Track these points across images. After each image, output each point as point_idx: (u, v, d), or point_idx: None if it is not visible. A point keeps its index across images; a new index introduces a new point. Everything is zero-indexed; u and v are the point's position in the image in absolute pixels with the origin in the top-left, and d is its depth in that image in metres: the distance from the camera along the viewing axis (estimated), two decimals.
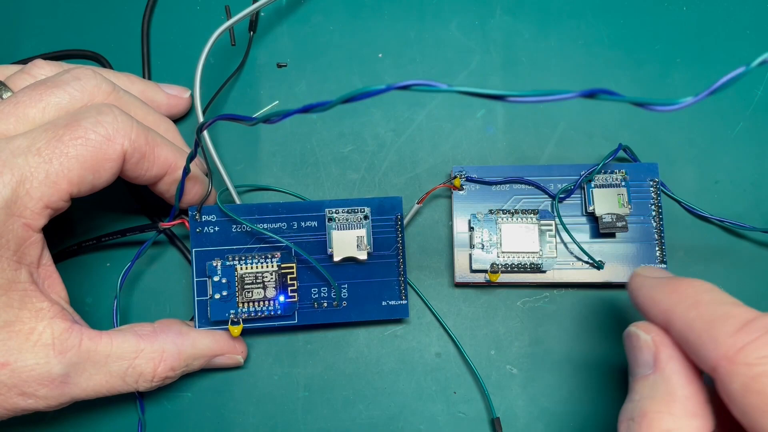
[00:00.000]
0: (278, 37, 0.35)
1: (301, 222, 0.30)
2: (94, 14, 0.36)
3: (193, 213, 0.29)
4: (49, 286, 0.26)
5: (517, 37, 0.35)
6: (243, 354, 0.30)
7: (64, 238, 0.32)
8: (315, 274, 0.30)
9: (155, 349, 0.27)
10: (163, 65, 0.35)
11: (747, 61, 0.36)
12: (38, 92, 0.26)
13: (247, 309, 0.29)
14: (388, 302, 0.30)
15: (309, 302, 0.30)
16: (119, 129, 0.26)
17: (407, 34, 0.35)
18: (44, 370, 0.24)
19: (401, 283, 0.30)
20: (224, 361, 0.30)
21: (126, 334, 0.27)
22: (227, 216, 0.29)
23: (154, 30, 0.36)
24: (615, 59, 0.35)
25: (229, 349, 0.30)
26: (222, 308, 0.29)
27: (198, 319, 0.29)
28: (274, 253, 0.29)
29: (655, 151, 0.33)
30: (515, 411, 0.30)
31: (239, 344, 0.30)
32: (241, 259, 0.29)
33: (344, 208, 0.30)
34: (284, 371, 0.31)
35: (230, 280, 0.29)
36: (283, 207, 0.30)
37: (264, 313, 0.29)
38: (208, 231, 0.30)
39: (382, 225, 0.30)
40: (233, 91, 0.35)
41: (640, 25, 0.35)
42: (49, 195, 0.24)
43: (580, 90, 0.17)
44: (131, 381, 0.27)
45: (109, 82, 0.28)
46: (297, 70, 0.35)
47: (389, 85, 0.18)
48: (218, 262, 0.29)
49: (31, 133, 0.25)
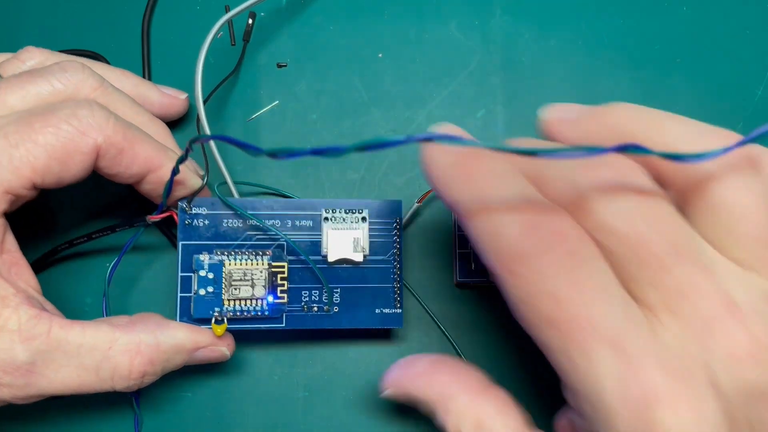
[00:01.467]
0: (278, 37, 0.35)
1: (296, 221, 0.29)
2: (94, 14, 0.36)
3: (182, 204, 0.28)
4: (15, 274, 0.26)
5: (517, 37, 0.35)
6: (229, 347, 0.28)
7: (55, 239, 0.32)
8: (307, 276, 0.29)
9: (131, 340, 0.25)
10: (163, 65, 0.35)
11: (747, 62, 0.36)
12: (21, 80, 0.26)
13: (233, 308, 0.28)
14: (382, 310, 0.29)
15: (299, 305, 0.29)
16: (94, 123, 0.25)
17: (407, 34, 0.35)
18: (8, 356, 0.23)
19: (396, 291, 0.29)
20: (208, 355, 0.28)
21: (100, 324, 0.25)
22: (218, 210, 0.29)
23: (154, 30, 0.36)
24: (615, 60, 0.35)
25: (212, 341, 0.28)
26: (206, 305, 0.28)
27: (179, 316, 0.28)
28: (266, 251, 0.28)
29: None
30: None
31: (225, 336, 0.29)
32: (230, 254, 0.28)
33: (342, 209, 0.29)
34: (284, 371, 0.31)
35: (217, 276, 0.28)
36: (278, 204, 0.29)
37: (250, 313, 0.28)
38: (198, 224, 0.28)
39: (381, 229, 0.30)
40: (233, 91, 0.35)
41: (640, 25, 0.35)
42: (10, 180, 0.24)
43: (615, 145, 0.17)
44: (105, 376, 0.25)
45: (97, 76, 0.28)
46: (297, 70, 0.35)
47: (409, 136, 0.17)
48: (206, 256, 0.28)
49: (3, 117, 0.24)
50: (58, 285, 0.32)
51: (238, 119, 0.34)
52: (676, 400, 0.17)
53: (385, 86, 0.35)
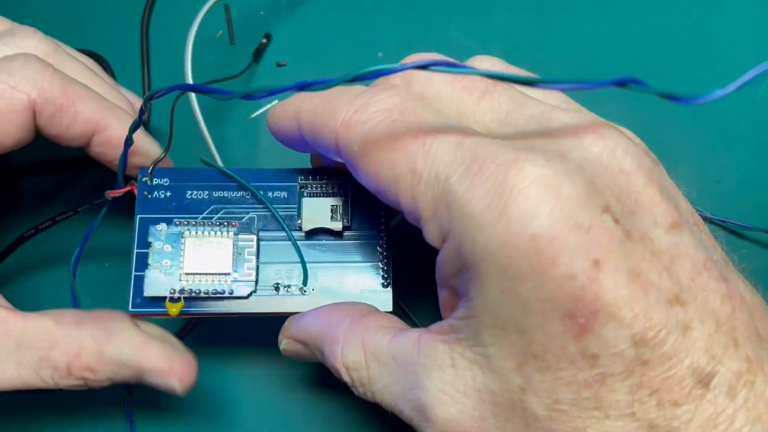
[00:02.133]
0: (278, 37, 0.35)
1: (269, 192, 0.26)
2: (94, 14, 0.36)
3: (143, 176, 0.26)
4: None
5: (517, 37, 0.35)
6: (183, 380, 0.24)
7: (20, 221, 0.32)
8: (280, 252, 0.25)
9: (71, 343, 0.23)
10: (163, 65, 0.35)
11: (747, 62, 0.36)
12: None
13: (192, 285, 0.24)
14: (368, 291, 0.25)
15: (269, 286, 0.25)
16: (27, 77, 0.23)
17: (407, 34, 0.35)
18: None
19: (384, 268, 0.25)
20: (155, 381, 0.24)
21: (43, 319, 0.23)
22: (182, 182, 0.26)
23: (154, 30, 0.36)
24: (615, 59, 0.35)
25: (162, 366, 0.23)
26: (161, 282, 0.24)
27: (132, 297, 0.25)
28: (232, 222, 0.25)
29: (655, 151, 0.33)
30: None
31: (179, 364, 0.24)
32: (191, 225, 0.25)
33: (319, 176, 0.26)
34: (284, 371, 0.31)
35: (175, 249, 0.25)
36: (251, 174, 0.26)
37: (212, 290, 0.24)
38: (158, 196, 0.26)
39: (364, 199, 0.25)
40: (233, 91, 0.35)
41: (641, 25, 0.35)
42: None
43: (611, 78, 0.18)
44: (46, 376, 0.23)
45: (50, 41, 0.26)
46: (297, 69, 0.35)
47: (403, 64, 0.17)
48: (163, 227, 0.25)
49: None
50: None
51: (237, 118, 0.34)
52: (526, 161, 0.17)
53: None
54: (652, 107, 0.34)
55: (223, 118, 0.34)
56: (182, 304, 0.24)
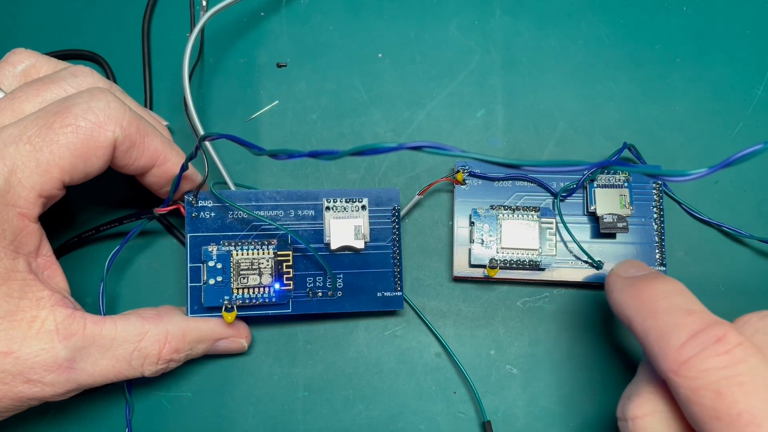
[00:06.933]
0: (278, 37, 0.35)
1: (298, 210, 0.30)
2: (94, 14, 0.36)
3: (189, 198, 0.29)
4: (49, 277, 0.26)
5: (517, 37, 0.35)
6: (247, 339, 0.30)
7: (65, 230, 0.33)
8: (310, 263, 0.30)
9: (160, 331, 0.27)
10: (163, 65, 0.35)
11: (747, 62, 0.36)
12: (35, 88, 0.27)
13: (241, 296, 0.29)
14: (384, 293, 0.30)
15: (304, 291, 0.30)
16: (111, 115, 0.26)
17: (407, 34, 0.35)
18: (49, 356, 0.24)
19: (396, 274, 0.30)
20: (228, 346, 0.30)
21: (130, 318, 0.27)
22: (224, 202, 0.29)
23: (154, 30, 0.36)
24: (615, 59, 0.35)
25: (232, 333, 0.30)
26: (216, 294, 0.29)
27: (190, 305, 0.29)
28: (271, 240, 0.29)
29: (655, 151, 0.33)
30: (515, 411, 0.30)
31: (243, 329, 0.30)
32: (237, 245, 0.29)
33: (342, 198, 0.30)
34: (284, 371, 0.31)
35: (225, 265, 0.29)
36: (281, 195, 0.30)
37: (258, 300, 0.29)
38: (204, 216, 0.30)
39: (380, 216, 0.30)
40: (233, 91, 0.35)
41: (640, 25, 0.35)
42: (42, 183, 0.24)
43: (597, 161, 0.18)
44: (137, 364, 0.27)
45: (105, 80, 0.28)
46: (297, 70, 0.35)
47: (400, 144, 0.19)
48: (214, 247, 0.29)
49: (22, 121, 0.25)
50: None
51: (237, 119, 0.34)
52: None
53: (385, 86, 0.35)
54: (652, 107, 0.34)
55: (224, 118, 0.34)
56: (236, 313, 0.29)
